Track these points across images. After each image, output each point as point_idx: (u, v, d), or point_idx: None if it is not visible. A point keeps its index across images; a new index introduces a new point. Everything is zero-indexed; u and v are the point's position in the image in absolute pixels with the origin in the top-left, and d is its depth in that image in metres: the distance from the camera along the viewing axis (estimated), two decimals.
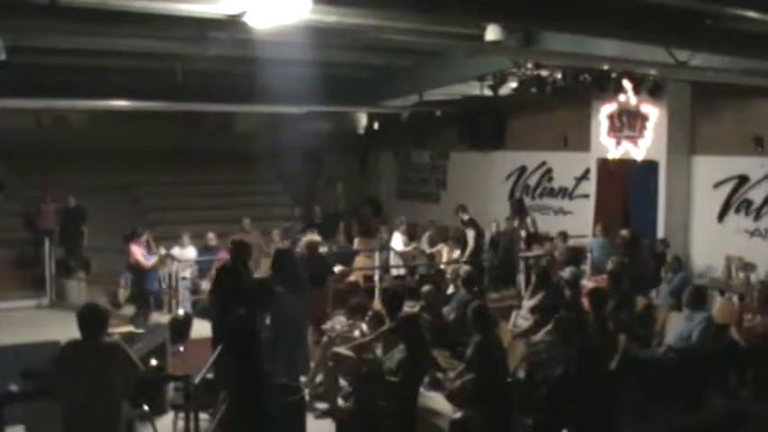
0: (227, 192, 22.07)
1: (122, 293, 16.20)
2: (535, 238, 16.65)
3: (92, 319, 6.34)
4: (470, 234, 16.44)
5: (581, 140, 17.10)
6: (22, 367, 7.78)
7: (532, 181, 18.98)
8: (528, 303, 11.64)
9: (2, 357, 10.07)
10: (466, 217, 16.95)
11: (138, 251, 13.22)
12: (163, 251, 14.19)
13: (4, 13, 9.36)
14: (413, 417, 8.79)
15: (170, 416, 8.92)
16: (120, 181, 20.94)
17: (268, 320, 10.03)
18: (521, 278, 15.88)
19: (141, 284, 13.62)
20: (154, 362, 9.65)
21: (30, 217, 18.31)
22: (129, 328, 9.91)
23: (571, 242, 15.61)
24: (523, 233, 16.66)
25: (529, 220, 16.84)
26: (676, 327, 10.35)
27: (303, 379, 10.04)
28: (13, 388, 7.31)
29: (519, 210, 17.14)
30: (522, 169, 19.15)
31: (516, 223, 16.79)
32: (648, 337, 10.80)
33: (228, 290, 9.73)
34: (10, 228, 18.35)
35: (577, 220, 16.95)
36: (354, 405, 9.13)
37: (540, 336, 10.20)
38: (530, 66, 13.69)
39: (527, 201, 18.63)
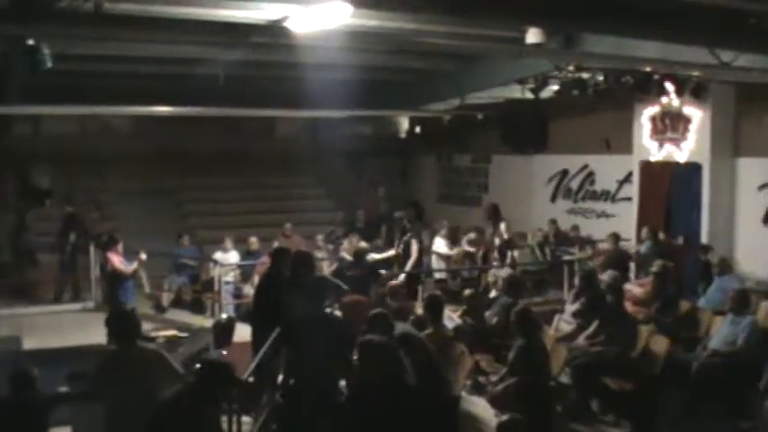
0: (270, 196, 22.14)
1: (166, 297, 16.35)
2: (509, 245, 16.53)
3: (123, 325, 6.39)
4: (414, 245, 16.01)
5: (623, 143, 16.96)
6: (69, 370, 7.88)
7: (574, 184, 18.86)
8: (570, 307, 11.58)
9: (49, 360, 10.20)
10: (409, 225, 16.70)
11: (116, 258, 12.94)
12: (143, 256, 13.87)
13: (49, 22, 9.49)
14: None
15: None
16: (163, 186, 21.08)
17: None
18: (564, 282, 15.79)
19: (117, 294, 13.07)
20: (197, 366, 9.71)
21: (76, 222, 18.43)
22: (174, 332, 9.98)
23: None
24: (497, 240, 16.52)
25: (503, 227, 16.69)
26: (721, 331, 10.25)
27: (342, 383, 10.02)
28: (61, 390, 7.40)
29: (494, 215, 17.01)
30: (564, 172, 19.04)
31: (491, 230, 16.62)
32: (693, 341, 10.70)
33: (267, 300, 9.69)
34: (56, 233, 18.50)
35: (620, 224, 16.80)
36: None
37: (581, 339, 10.17)
38: (571, 68, 13.63)
39: (569, 204, 18.54)
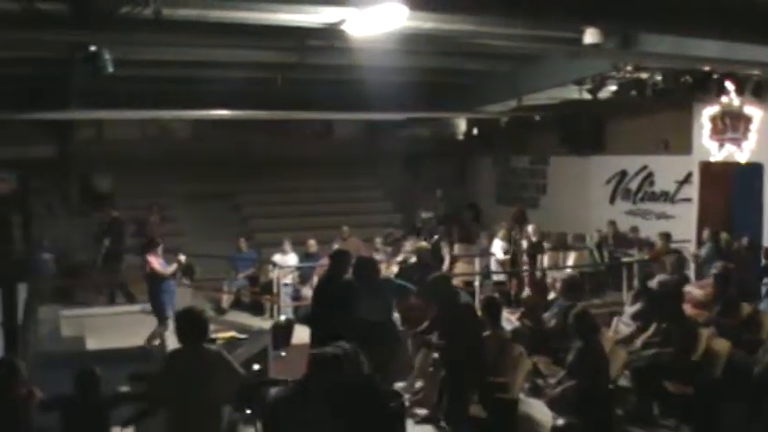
0: (328, 198, 22.18)
1: (226, 299, 16.52)
2: (538, 248, 16.38)
3: (191, 326, 6.47)
4: (444, 248, 16.10)
5: (683, 143, 16.77)
6: (131, 370, 7.98)
7: (633, 185, 18.66)
8: (629, 309, 11.48)
9: (112, 360, 10.35)
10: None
11: (154, 260, 13.08)
12: (183, 258, 13.96)
13: (110, 28, 9.65)
14: None
15: None
16: (222, 189, 21.30)
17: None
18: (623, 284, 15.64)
19: (158, 296, 12.99)
20: (256, 366, 9.79)
21: (138, 225, 18.69)
22: (232, 334, 10.04)
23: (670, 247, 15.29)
24: (525, 243, 16.37)
25: (530, 229, 16.52)
26: None
27: (401, 384, 10.05)
28: (123, 389, 7.50)
29: (520, 219, 16.86)
30: (623, 173, 18.86)
31: (517, 233, 16.47)
32: (755, 345, 10.52)
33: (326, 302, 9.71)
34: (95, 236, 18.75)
35: (680, 225, 16.62)
36: None
37: (639, 342, 10.07)
38: (629, 68, 13.53)
39: (628, 205, 18.37)
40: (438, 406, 9.32)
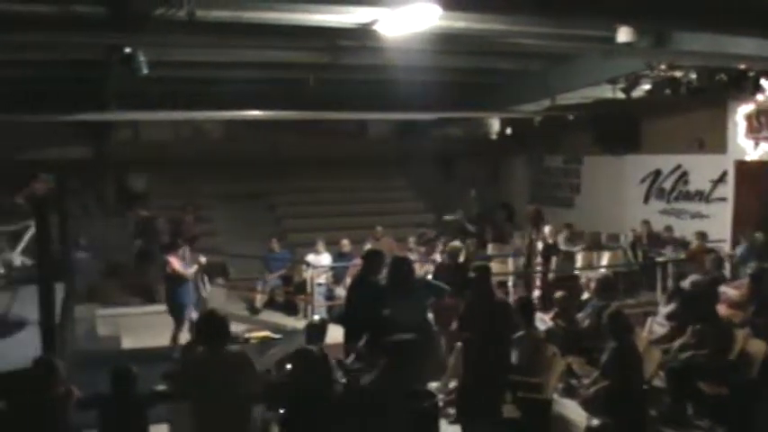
0: (361, 198, 22.29)
1: (259, 299, 16.61)
2: (553, 249, 16.26)
3: (214, 330, 6.50)
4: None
5: (717, 142, 16.63)
6: (166, 368, 8.05)
7: (667, 185, 18.54)
8: (664, 310, 11.42)
9: (147, 359, 10.44)
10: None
11: (175, 261, 13.15)
12: (203, 260, 14.03)
13: (145, 30, 9.74)
14: None
15: None
16: (255, 189, 21.43)
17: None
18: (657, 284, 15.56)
19: (176, 297, 13.05)
20: (289, 366, 9.84)
21: (173, 225, 18.80)
22: (266, 333, 10.11)
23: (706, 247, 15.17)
24: (540, 245, 16.24)
25: (546, 231, 16.39)
26: None
27: (435, 385, 10.05)
28: (159, 388, 7.57)
29: (536, 220, 16.74)
30: (657, 173, 18.74)
31: (534, 234, 16.34)
32: None
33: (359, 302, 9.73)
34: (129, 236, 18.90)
35: (714, 225, 16.49)
36: None
37: (676, 344, 10.01)
38: (663, 67, 13.44)
39: (663, 205, 18.25)
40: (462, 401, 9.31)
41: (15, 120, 15.81)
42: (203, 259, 13.74)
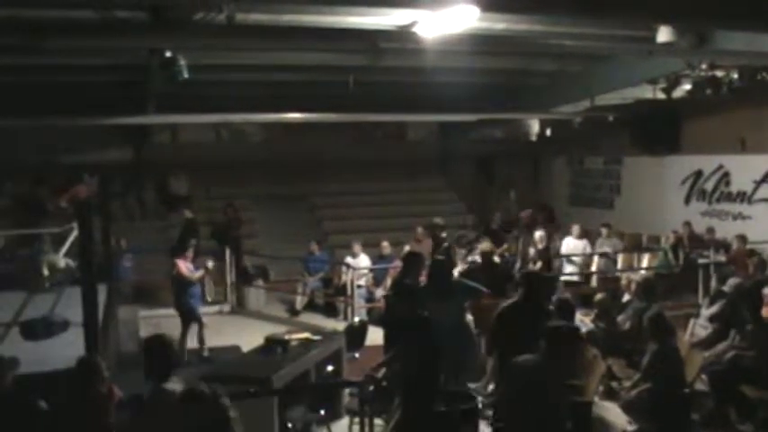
0: (401, 200, 22.28)
1: (299, 301, 16.67)
2: (544, 255, 16.08)
3: (153, 360, 6.14)
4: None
5: (760, 142, 16.44)
6: (205, 370, 8.12)
7: (709, 185, 18.37)
8: (706, 312, 11.32)
9: (188, 360, 10.54)
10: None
11: (183, 265, 13.22)
12: (210, 264, 14.16)
13: (186, 34, 9.83)
14: None
15: (345, 420, 9.13)
16: (295, 191, 21.53)
17: None
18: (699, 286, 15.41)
19: (183, 299, 13.19)
20: (330, 368, 9.89)
21: (215, 227, 18.89)
22: (306, 335, 10.13)
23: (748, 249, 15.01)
24: (532, 251, 16.10)
25: (537, 237, 16.19)
26: None
27: (473, 386, 10.02)
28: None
29: (530, 225, 16.58)
30: (698, 173, 18.57)
31: (525, 239, 16.18)
32: None
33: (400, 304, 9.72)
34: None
35: (757, 226, 16.31)
36: None
37: (720, 347, 9.92)
38: (704, 66, 13.33)
39: (704, 206, 18.09)
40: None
41: (58, 123, 16.04)
42: (210, 263, 13.92)
